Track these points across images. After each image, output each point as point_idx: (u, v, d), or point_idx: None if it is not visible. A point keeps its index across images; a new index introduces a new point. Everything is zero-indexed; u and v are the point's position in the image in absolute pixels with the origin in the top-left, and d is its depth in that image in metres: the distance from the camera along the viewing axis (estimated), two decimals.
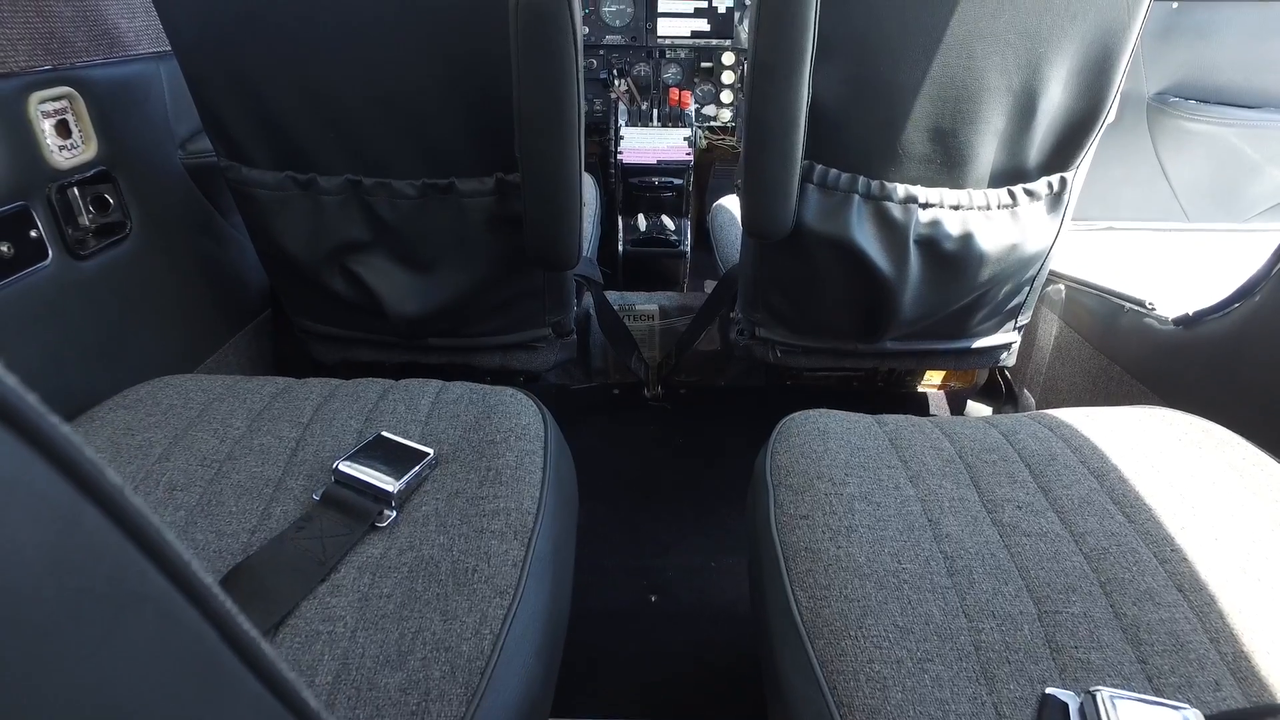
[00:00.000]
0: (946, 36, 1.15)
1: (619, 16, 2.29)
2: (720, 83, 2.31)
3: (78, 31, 1.16)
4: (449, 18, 1.07)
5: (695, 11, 2.27)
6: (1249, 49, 2.05)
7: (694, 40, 2.29)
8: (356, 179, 1.23)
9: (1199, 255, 1.86)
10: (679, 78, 2.32)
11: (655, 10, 2.26)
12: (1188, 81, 2.13)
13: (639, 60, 2.31)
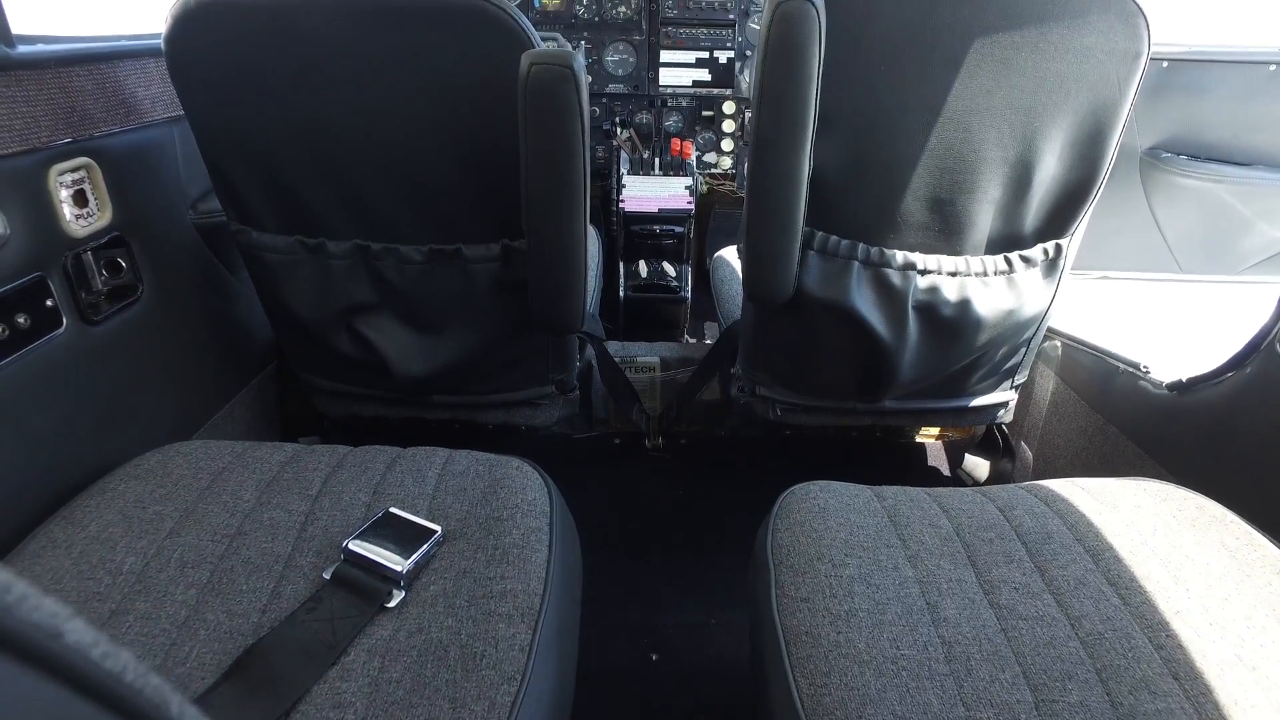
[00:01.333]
0: (944, 112, 1.18)
1: (621, 66, 2.33)
2: (721, 131, 2.35)
3: (97, 103, 1.19)
4: (459, 91, 1.10)
5: (697, 62, 2.32)
6: (1237, 108, 2.10)
7: (695, 90, 2.33)
8: (365, 244, 1.26)
9: (1192, 307, 1.89)
10: (680, 126, 2.36)
11: (657, 60, 2.31)
12: (1179, 137, 2.17)
13: (641, 108, 2.35)
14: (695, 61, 2.32)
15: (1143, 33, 1.15)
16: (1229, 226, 2.18)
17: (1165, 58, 2.09)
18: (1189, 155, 2.17)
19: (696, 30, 2.30)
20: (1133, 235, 2.28)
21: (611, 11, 2.31)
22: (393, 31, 1.06)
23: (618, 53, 2.33)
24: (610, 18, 2.31)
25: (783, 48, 1.09)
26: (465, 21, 1.04)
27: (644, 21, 2.31)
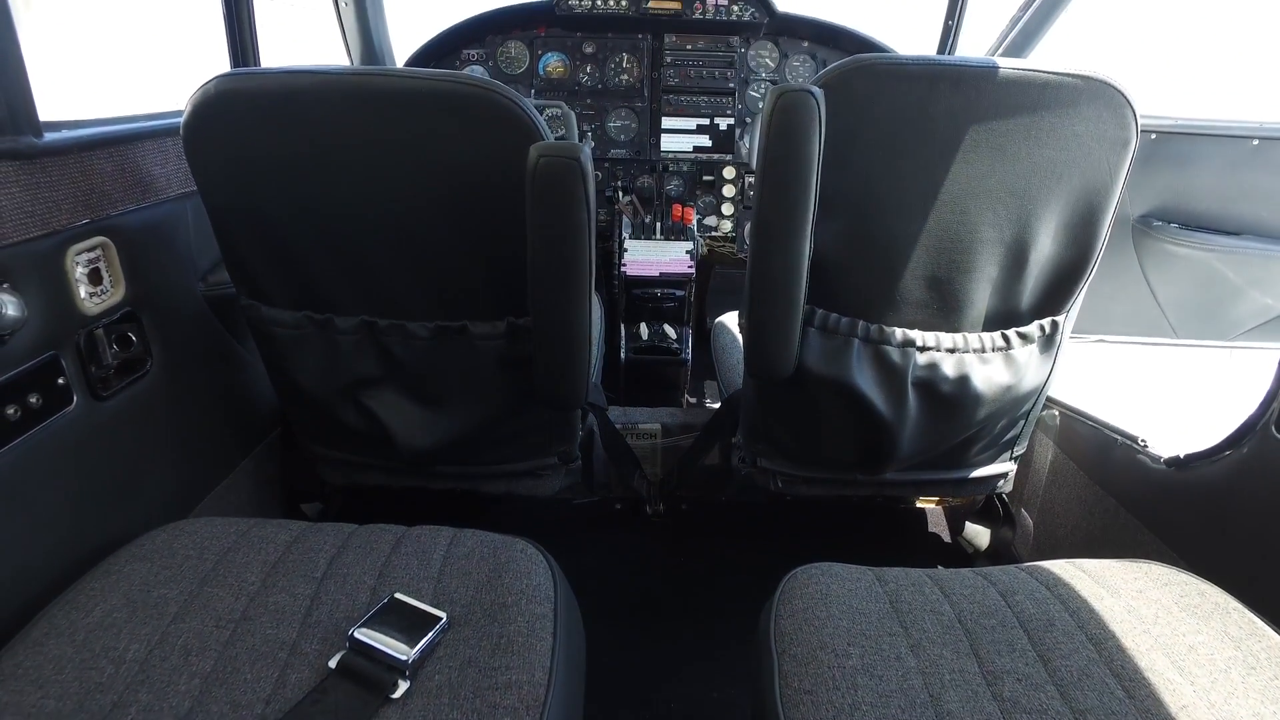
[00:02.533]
0: (941, 195, 1.22)
1: (624, 131, 2.39)
2: (722, 195, 2.40)
3: (115, 184, 1.22)
4: (468, 175, 1.13)
5: (697, 128, 2.38)
6: (1224, 180, 2.15)
7: (696, 155, 2.39)
8: (372, 320, 1.28)
9: (1188, 372, 1.91)
10: (681, 190, 2.41)
11: (659, 127, 2.37)
12: (1170, 206, 2.22)
13: (643, 173, 2.40)
14: (696, 128, 2.37)
15: (1130, 121, 1.19)
16: (1221, 293, 2.22)
17: (1154, 130, 2.15)
18: (1179, 224, 2.21)
19: (697, 98, 2.36)
20: (1127, 300, 2.32)
21: (614, 79, 2.37)
22: (404, 118, 1.09)
23: (620, 119, 2.39)
24: (613, 85, 2.38)
25: (784, 136, 1.12)
26: (475, 110, 1.07)
27: (646, 89, 2.37)
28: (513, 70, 2.40)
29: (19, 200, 1.03)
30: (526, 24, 2.37)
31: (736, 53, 2.36)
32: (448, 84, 1.06)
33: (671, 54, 2.34)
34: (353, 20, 2.22)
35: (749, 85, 2.39)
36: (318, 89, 1.08)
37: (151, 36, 6.14)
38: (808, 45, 2.39)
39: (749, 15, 2.29)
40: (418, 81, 1.07)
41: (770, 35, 2.38)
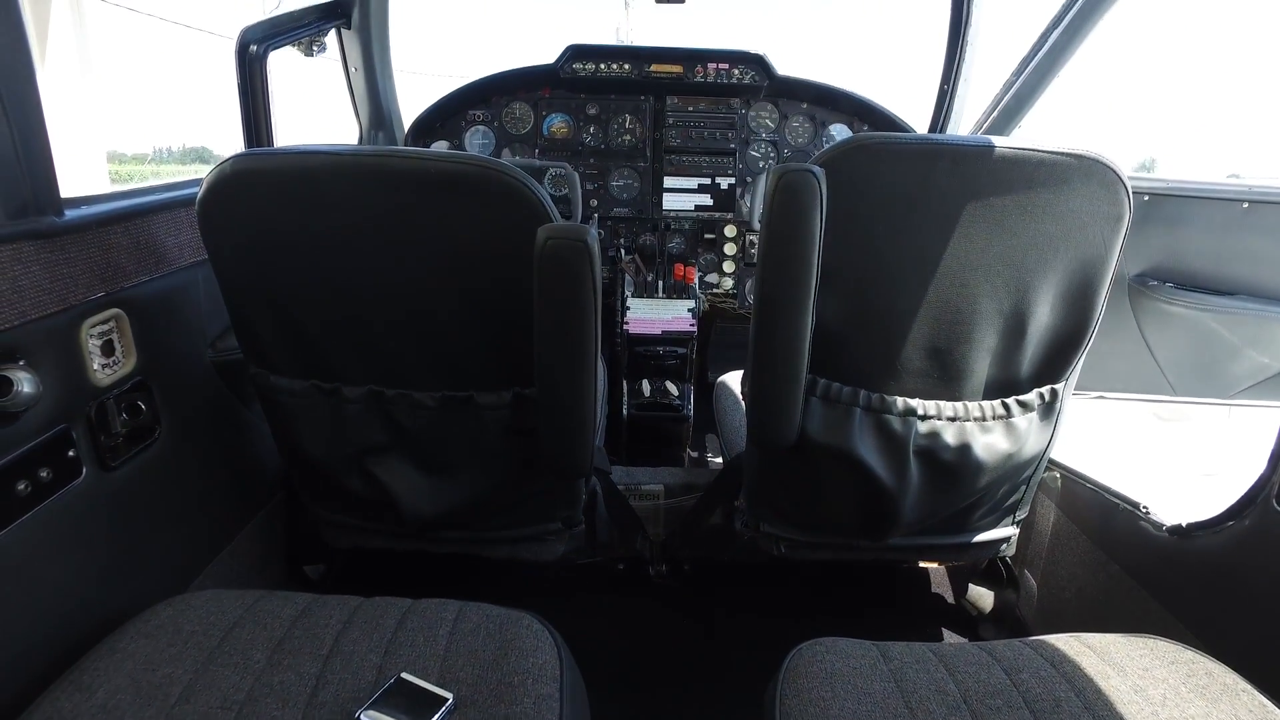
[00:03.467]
0: (940, 267, 1.24)
1: (626, 190, 2.43)
2: (723, 253, 2.44)
3: (130, 256, 1.24)
4: (476, 252, 1.15)
5: (699, 187, 2.43)
6: (1217, 241, 2.19)
7: (698, 213, 2.43)
8: (379, 389, 1.29)
9: (1187, 430, 1.92)
10: (683, 248, 2.45)
11: (661, 186, 2.42)
12: (1164, 266, 2.25)
13: (645, 230, 2.44)
14: (697, 187, 2.42)
15: (1123, 198, 1.22)
16: (1218, 352, 2.24)
17: (1146, 192, 2.19)
18: (1174, 283, 2.24)
19: (699, 158, 2.41)
20: (1126, 357, 2.34)
21: (617, 139, 2.43)
22: (415, 198, 1.12)
23: (623, 178, 2.43)
24: (616, 145, 2.43)
25: (786, 214, 1.15)
26: (484, 191, 1.10)
27: (648, 149, 2.43)
28: (517, 130, 2.45)
29: (38, 278, 1.05)
30: (531, 86, 2.43)
31: (737, 114, 2.41)
32: (457, 165, 1.09)
33: (673, 115, 2.40)
34: (362, 86, 2.28)
35: (749, 145, 2.44)
36: (330, 169, 1.11)
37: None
38: (807, 107, 2.45)
39: (749, 79, 2.35)
40: (427, 163, 1.10)
41: (770, 97, 2.44)
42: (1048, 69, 2.20)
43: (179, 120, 22.96)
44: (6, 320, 1.00)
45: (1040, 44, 2.18)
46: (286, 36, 1.84)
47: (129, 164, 27.97)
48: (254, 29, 1.72)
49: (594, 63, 2.35)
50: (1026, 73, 2.21)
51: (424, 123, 2.42)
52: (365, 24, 2.16)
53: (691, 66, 2.33)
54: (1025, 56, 2.22)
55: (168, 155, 33.32)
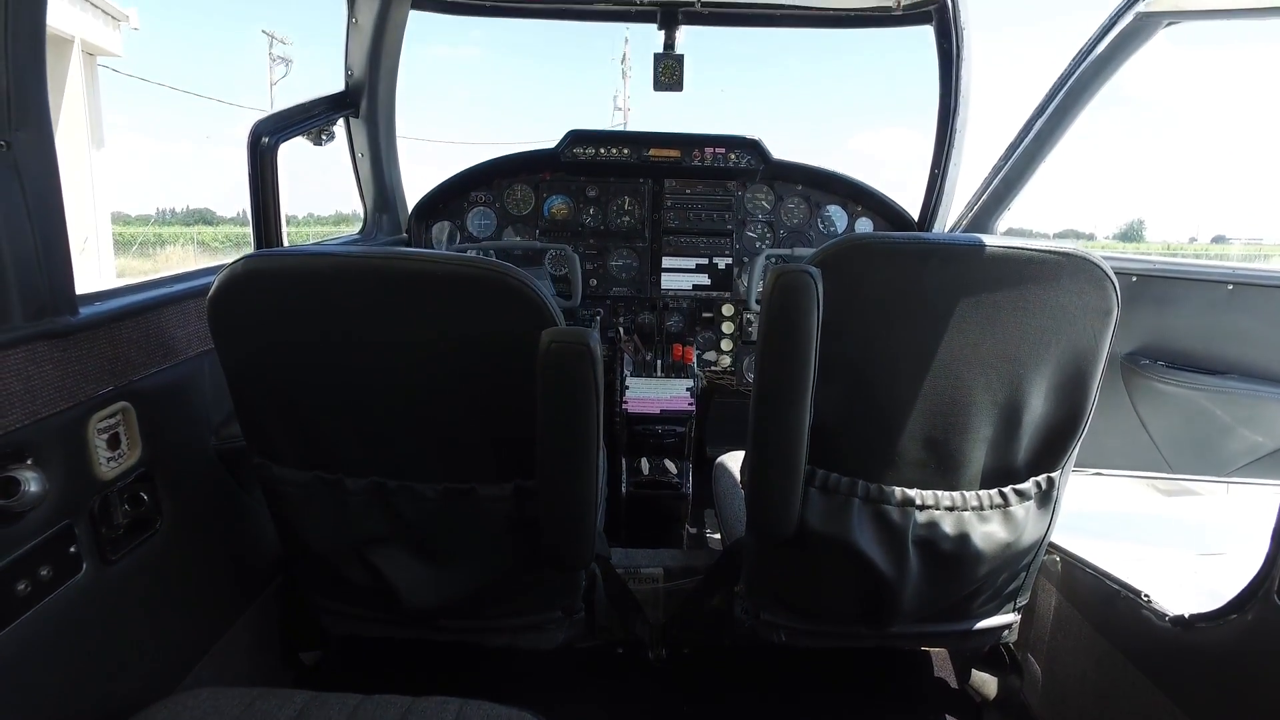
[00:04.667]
0: (935, 361, 1.27)
1: (625, 270, 2.48)
2: (721, 331, 2.48)
3: (139, 350, 1.26)
4: (480, 351, 1.18)
5: (697, 267, 2.48)
6: (1205, 321, 2.24)
7: (696, 292, 2.47)
8: (381, 481, 1.30)
9: (1187, 510, 1.92)
10: (681, 326, 2.48)
11: (659, 266, 2.47)
12: (1155, 344, 2.29)
13: (644, 309, 2.48)
14: (695, 267, 2.47)
15: (1111, 293, 1.25)
16: (1213, 430, 2.26)
17: (1134, 273, 2.25)
18: (1166, 362, 2.28)
19: (696, 238, 2.47)
20: (1121, 435, 2.36)
21: (616, 221, 2.49)
22: (420, 298, 1.15)
23: (622, 258, 2.48)
24: (615, 226, 2.49)
25: (783, 314, 1.18)
26: (489, 292, 1.13)
27: (647, 230, 2.49)
28: (519, 211, 2.51)
29: (50, 377, 1.07)
30: (533, 169, 2.50)
31: (734, 196, 2.48)
32: (463, 267, 1.13)
33: (672, 197, 2.46)
34: (368, 171, 2.34)
35: (746, 226, 2.50)
36: (338, 271, 1.14)
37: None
38: (801, 189, 2.52)
39: (745, 162, 2.43)
40: (433, 265, 1.13)
41: (766, 180, 2.51)
42: (1034, 154, 2.28)
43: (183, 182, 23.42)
44: (18, 420, 1.02)
45: (1025, 131, 2.27)
46: (297, 128, 1.90)
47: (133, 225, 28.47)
48: (265, 122, 1.78)
49: (594, 147, 2.43)
50: (1014, 159, 2.28)
51: (427, 205, 2.48)
52: (373, 113, 2.23)
53: (689, 151, 2.41)
54: (1011, 143, 2.30)
55: (171, 216, 33.92)
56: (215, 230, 28.81)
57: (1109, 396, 2.31)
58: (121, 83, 13.27)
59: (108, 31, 11.86)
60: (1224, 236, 26.61)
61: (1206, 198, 46.51)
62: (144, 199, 60.63)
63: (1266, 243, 27.93)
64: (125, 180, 44.31)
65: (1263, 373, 2.21)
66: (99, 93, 12.01)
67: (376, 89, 2.20)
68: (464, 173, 2.49)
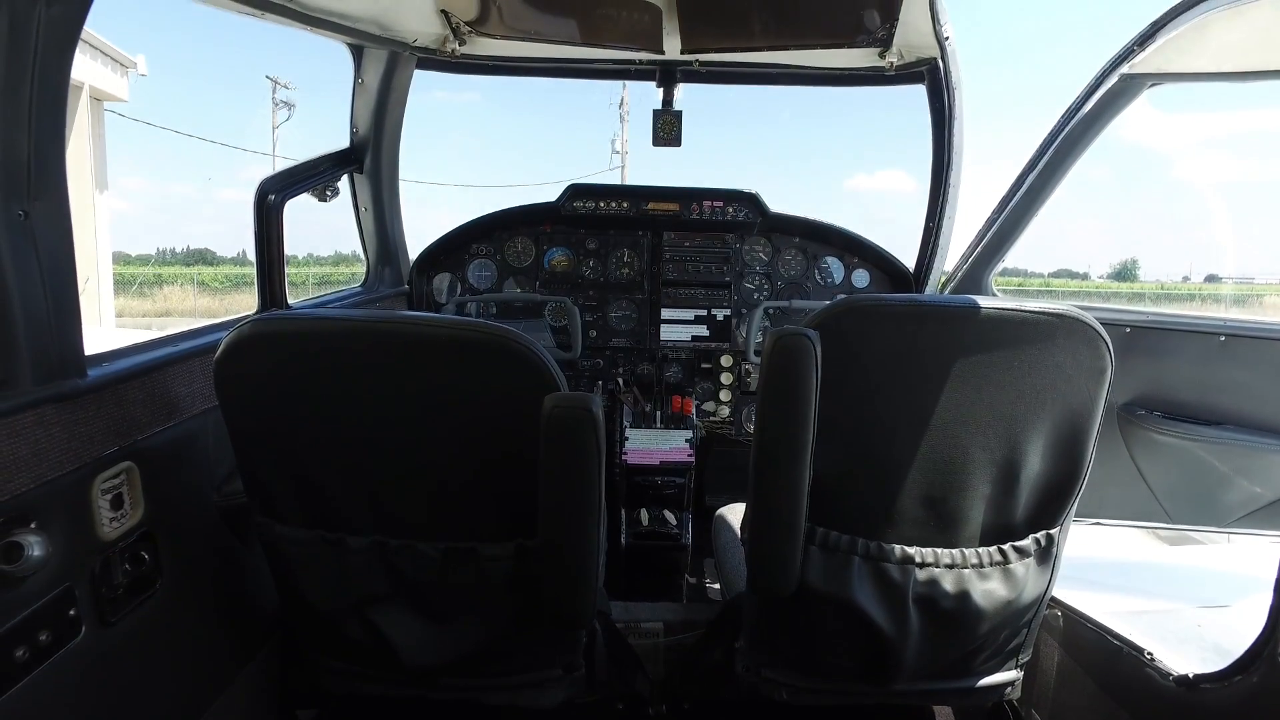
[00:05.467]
0: (933, 420, 1.28)
1: (625, 321, 2.51)
2: (719, 382, 2.49)
3: (145, 410, 1.27)
4: (483, 413, 1.19)
5: (695, 319, 2.51)
6: (1198, 372, 2.26)
7: (694, 344, 2.49)
8: (384, 540, 1.30)
9: (1189, 561, 1.91)
10: (680, 377, 2.50)
11: (659, 317, 2.49)
12: (1150, 395, 2.31)
13: (643, 360, 2.50)
14: (694, 318, 2.50)
15: (1105, 352, 1.27)
16: (1211, 480, 2.27)
17: (1127, 324, 2.27)
18: (1162, 412, 2.29)
19: (695, 290, 2.50)
20: (1119, 485, 2.36)
21: (616, 273, 2.52)
22: (425, 361, 1.16)
23: (621, 309, 2.51)
24: (615, 278, 2.52)
25: (783, 375, 1.20)
26: (492, 356, 1.15)
27: (646, 282, 2.52)
28: (519, 263, 2.54)
29: (57, 439, 1.08)
30: (533, 222, 2.54)
31: (732, 248, 2.52)
32: (465, 331, 1.14)
33: (670, 250, 2.50)
34: (371, 225, 2.38)
35: (744, 278, 2.53)
36: (342, 333, 1.16)
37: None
38: (799, 240, 2.56)
39: (743, 215, 2.47)
40: (436, 329, 1.15)
41: (763, 232, 2.55)
42: (1027, 208, 2.33)
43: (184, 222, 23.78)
44: (24, 483, 1.02)
45: (1017, 186, 2.31)
46: (303, 185, 1.94)
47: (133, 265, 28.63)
48: (272, 180, 1.82)
49: (594, 200, 2.47)
50: (1006, 212, 2.33)
51: (428, 257, 2.52)
52: (376, 169, 2.28)
53: (687, 204, 2.45)
54: (1004, 197, 2.34)
55: (171, 256, 34.16)
56: (215, 270, 28.98)
57: (1106, 446, 2.33)
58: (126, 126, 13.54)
59: (115, 78, 12.11)
60: (1216, 275, 26.92)
61: (1199, 238, 47.70)
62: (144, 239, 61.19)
63: (1258, 282, 28.23)
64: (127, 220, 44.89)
65: (1258, 424, 2.22)
66: (104, 137, 12.21)
67: (381, 146, 2.25)
68: (465, 226, 2.52)
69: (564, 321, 2.11)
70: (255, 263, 1.77)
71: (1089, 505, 2.10)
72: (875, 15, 1.88)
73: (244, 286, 24.61)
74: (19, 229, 1.06)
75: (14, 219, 1.05)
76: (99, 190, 11.68)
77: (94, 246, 11.13)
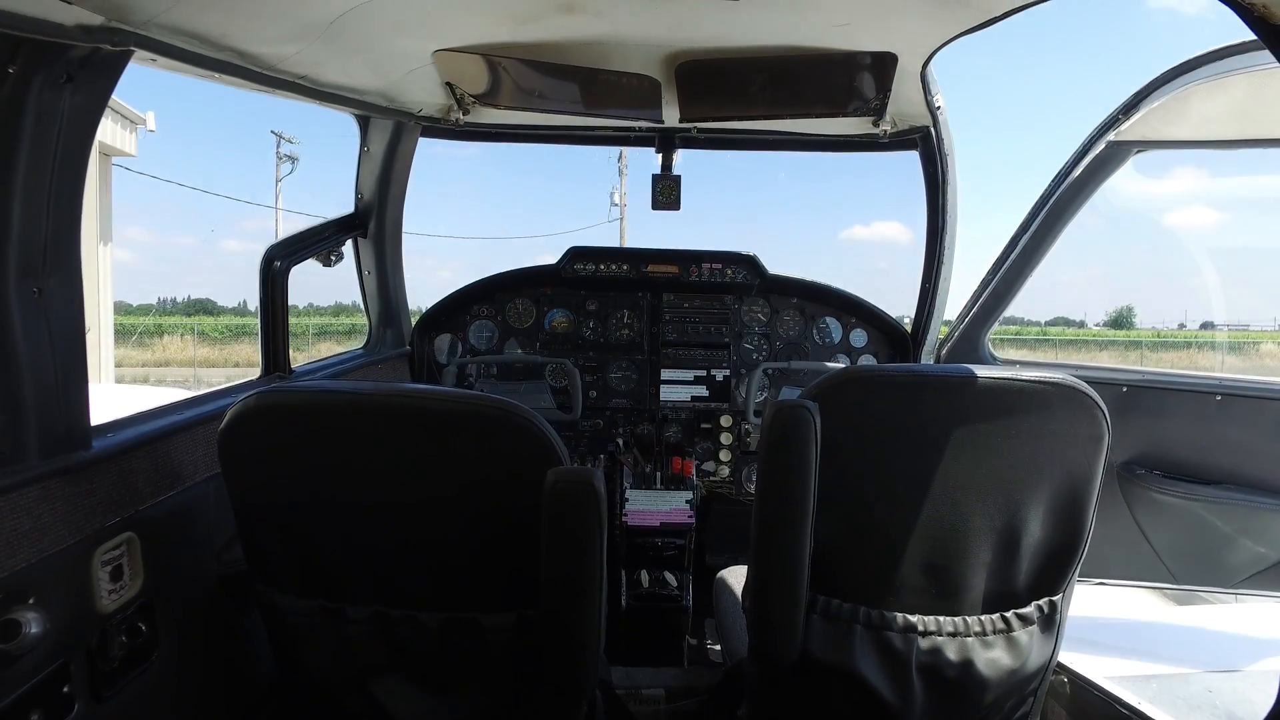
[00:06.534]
0: (933, 487, 1.29)
1: (625, 382, 2.52)
2: (719, 442, 2.50)
3: (148, 480, 1.28)
4: (485, 484, 1.19)
5: (695, 379, 2.52)
6: (1196, 431, 2.28)
7: (694, 404, 2.51)
8: (384, 610, 1.29)
9: (1196, 622, 1.89)
10: (679, 437, 2.50)
11: (658, 378, 2.51)
12: (1149, 454, 2.31)
13: (643, 420, 2.51)
14: (693, 379, 2.52)
15: (1101, 420, 1.29)
16: (1214, 541, 2.26)
17: (1124, 383, 2.29)
18: (1161, 472, 2.29)
19: (694, 351, 2.52)
20: (1121, 544, 2.35)
21: (616, 334, 2.55)
22: (428, 434, 1.17)
23: (621, 370, 2.53)
24: (615, 339, 2.55)
25: (783, 446, 1.21)
26: (495, 429, 1.16)
27: (645, 343, 2.54)
28: (520, 324, 2.57)
29: (60, 512, 1.08)
30: (534, 284, 2.58)
31: (730, 309, 2.55)
32: (468, 405, 1.16)
33: (670, 311, 2.53)
34: (374, 288, 2.41)
35: (743, 339, 2.56)
36: (349, 407, 1.17)
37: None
38: (797, 301, 2.60)
39: (741, 277, 2.51)
40: (439, 402, 1.17)
41: (762, 293, 2.59)
42: (1021, 269, 2.37)
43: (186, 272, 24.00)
44: (24, 559, 1.02)
45: (1011, 248, 2.36)
46: (308, 251, 1.97)
47: (134, 314, 28.74)
48: (278, 247, 1.85)
49: (594, 263, 2.51)
50: (1001, 273, 2.37)
51: (430, 319, 2.55)
52: (380, 234, 2.32)
53: (687, 266, 2.49)
54: (999, 258, 2.39)
55: (172, 306, 34.32)
56: (216, 320, 29.11)
57: (1107, 505, 2.32)
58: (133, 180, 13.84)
59: (125, 134, 12.32)
60: (1212, 323, 27.06)
61: (1192, 284, 48.58)
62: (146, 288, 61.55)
63: (1253, 329, 28.37)
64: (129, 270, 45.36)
65: (1258, 483, 2.22)
66: (110, 191, 12.37)
67: (385, 211, 2.29)
68: (467, 288, 2.56)
69: (564, 383, 2.13)
70: (260, 327, 1.80)
71: (1092, 565, 2.09)
72: (868, 87, 1.94)
73: (244, 336, 24.73)
74: (33, 305, 1.08)
75: (29, 296, 1.08)
76: (103, 243, 11.79)
77: (96, 298, 11.21)
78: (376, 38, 1.61)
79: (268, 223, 25.20)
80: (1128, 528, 2.36)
